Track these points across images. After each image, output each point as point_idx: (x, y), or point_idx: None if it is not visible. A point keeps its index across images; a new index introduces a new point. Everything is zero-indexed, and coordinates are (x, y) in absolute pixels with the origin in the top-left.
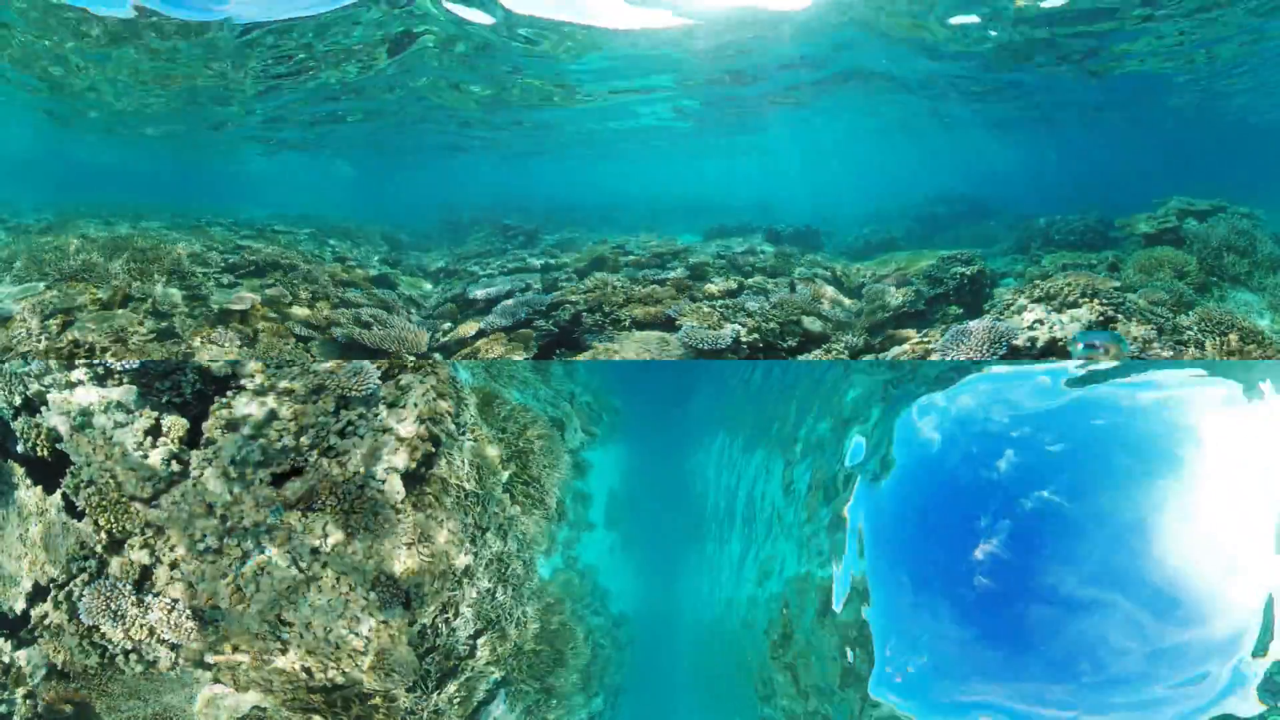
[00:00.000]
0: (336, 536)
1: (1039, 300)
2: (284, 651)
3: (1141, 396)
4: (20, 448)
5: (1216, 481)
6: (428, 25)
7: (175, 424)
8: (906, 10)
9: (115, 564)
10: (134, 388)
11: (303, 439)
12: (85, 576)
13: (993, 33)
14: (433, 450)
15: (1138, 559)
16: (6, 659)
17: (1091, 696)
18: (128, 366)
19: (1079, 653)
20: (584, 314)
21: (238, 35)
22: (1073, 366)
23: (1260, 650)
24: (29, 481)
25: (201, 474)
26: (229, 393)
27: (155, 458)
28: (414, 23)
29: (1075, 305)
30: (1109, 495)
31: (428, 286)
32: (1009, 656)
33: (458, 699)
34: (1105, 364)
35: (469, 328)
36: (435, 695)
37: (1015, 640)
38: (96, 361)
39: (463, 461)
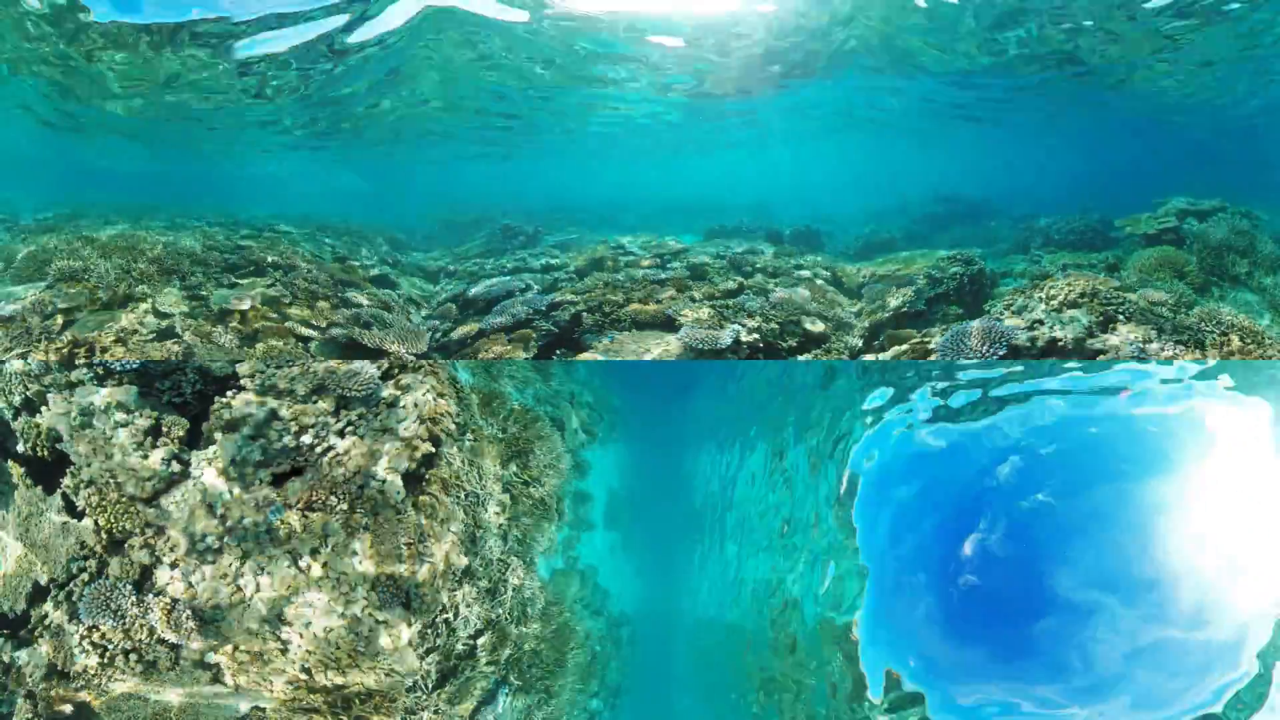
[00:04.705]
0: (337, 536)
1: (1039, 300)
2: (284, 651)
3: (1140, 399)
4: (20, 448)
5: (1217, 484)
6: (430, 27)
7: (175, 424)
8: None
9: (115, 564)
10: (134, 388)
11: (303, 439)
12: (85, 576)
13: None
14: (433, 450)
15: (1137, 563)
16: (6, 659)
17: (1091, 696)
18: (128, 366)
19: (1078, 654)
20: (584, 314)
21: (240, 43)
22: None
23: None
24: (29, 481)
25: (201, 474)
26: (229, 393)
27: (155, 458)
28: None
29: (1075, 305)
30: (1108, 500)
31: (428, 286)
32: (1010, 658)
33: (458, 699)
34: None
35: (469, 328)
36: (435, 695)
37: (1016, 642)
38: (96, 361)
39: (463, 461)
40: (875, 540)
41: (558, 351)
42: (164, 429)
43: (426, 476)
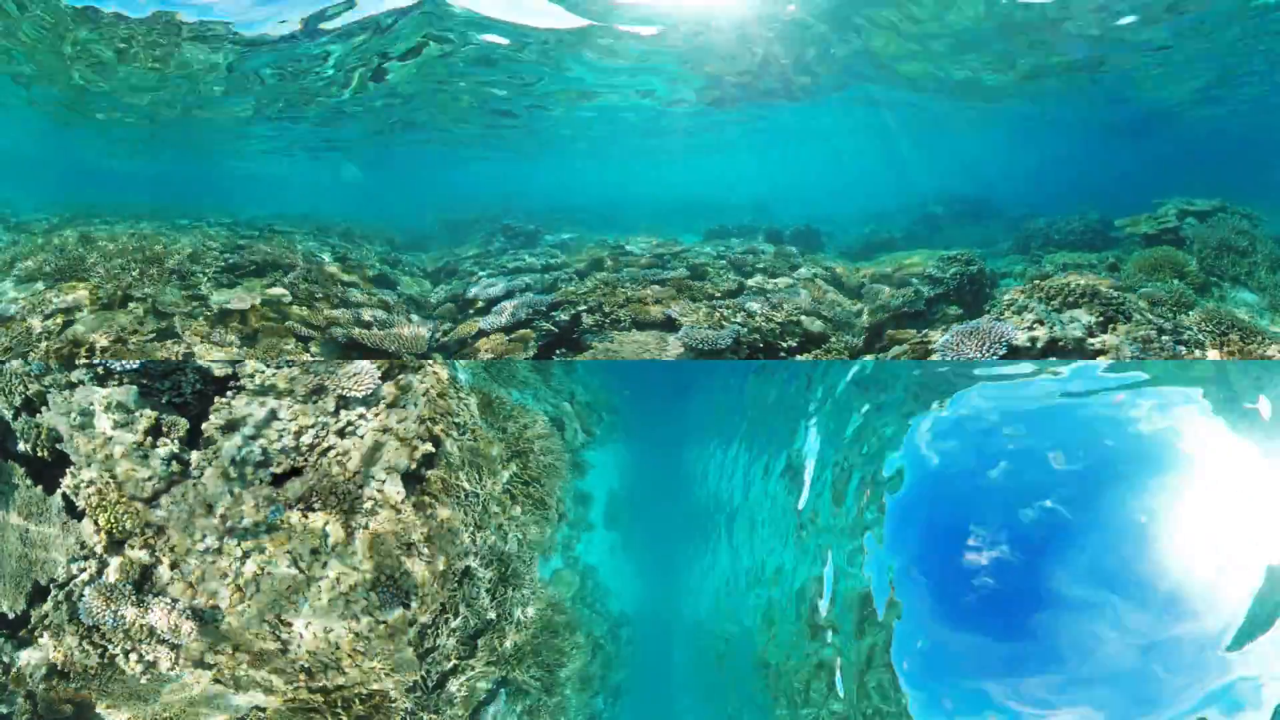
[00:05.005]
0: (337, 536)
1: (1039, 300)
2: (284, 652)
3: (1139, 401)
4: (20, 448)
5: (1216, 486)
6: (431, 32)
7: (175, 424)
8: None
9: (115, 564)
10: (134, 388)
11: (303, 439)
12: (85, 576)
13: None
14: (433, 450)
15: (1136, 566)
16: (6, 659)
17: (1094, 694)
18: (128, 366)
19: (1083, 656)
20: (584, 314)
21: (243, 44)
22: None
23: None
24: (29, 481)
25: (201, 474)
26: (229, 393)
27: (155, 458)
28: (418, 30)
29: (1075, 305)
30: (1108, 503)
31: (428, 286)
32: (1016, 658)
33: (458, 699)
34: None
35: (469, 328)
36: (435, 695)
37: (1022, 642)
38: (96, 361)
39: (463, 462)
40: (894, 546)
41: (558, 351)
42: (164, 429)
43: (426, 476)
